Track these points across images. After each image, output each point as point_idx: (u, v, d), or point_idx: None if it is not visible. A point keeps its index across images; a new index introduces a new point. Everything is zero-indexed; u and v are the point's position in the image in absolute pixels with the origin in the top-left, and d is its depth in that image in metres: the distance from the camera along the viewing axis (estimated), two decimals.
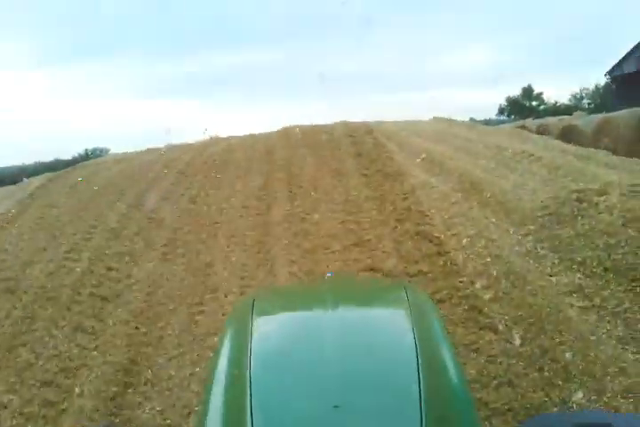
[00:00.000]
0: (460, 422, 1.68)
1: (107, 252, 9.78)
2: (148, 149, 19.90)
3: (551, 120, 22.28)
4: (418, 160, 12.64)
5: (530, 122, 24.11)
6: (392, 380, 1.81)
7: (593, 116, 20.49)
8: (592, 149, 13.16)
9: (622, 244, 7.14)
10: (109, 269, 9.12)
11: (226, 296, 7.63)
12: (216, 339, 6.17)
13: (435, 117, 22.56)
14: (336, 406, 1.57)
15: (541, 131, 20.07)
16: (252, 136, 18.08)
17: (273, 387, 1.79)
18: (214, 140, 19.00)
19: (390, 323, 2.31)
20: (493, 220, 8.88)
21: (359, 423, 1.59)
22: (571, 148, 13.56)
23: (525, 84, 64.95)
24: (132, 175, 14.81)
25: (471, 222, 8.84)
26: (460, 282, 7.07)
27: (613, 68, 38.63)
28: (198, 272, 8.62)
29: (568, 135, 18.64)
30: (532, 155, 12.39)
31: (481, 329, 6.11)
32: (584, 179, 9.91)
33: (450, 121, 20.63)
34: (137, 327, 7.31)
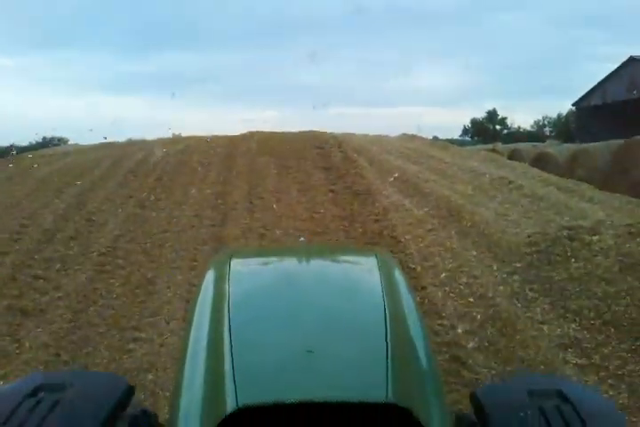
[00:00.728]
0: (421, 374, 1.79)
1: (36, 257, 8.53)
2: (102, 144, 18.65)
3: (523, 146, 21.72)
4: (390, 179, 11.74)
5: (500, 146, 23.60)
6: (361, 330, 1.91)
7: (567, 145, 20.07)
8: (573, 181, 12.48)
9: (623, 294, 6.33)
10: (35, 277, 7.87)
11: (167, 323, 6.50)
12: (150, 376, 5.37)
13: (403, 134, 21.80)
14: (309, 351, 1.64)
15: (513, 156, 19.49)
16: (214, 138, 16.97)
17: (251, 333, 1.85)
18: (175, 139, 17.95)
19: (361, 280, 2.42)
20: (474, 253, 8.01)
21: (330, 368, 1.65)
22: (551, 177, 12.88)
23: (490, 108, 65.46)
24: (77, 171, 13.55)
25: (450, 254, 7.95)
26: (440, 325, 6.15)
27: (580, 100, 38.92)
28: (138, 290, 7.45)
29: (541, 163, 18.08)
30: (512, 182, 11.66)
31: (466, 386, 5.17)
32: (571, 213, 9.18)
33: (420, 139, 19.90)
34: (58, 354, 6.10)
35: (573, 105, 40.92)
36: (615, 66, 34.84)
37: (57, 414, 1.64)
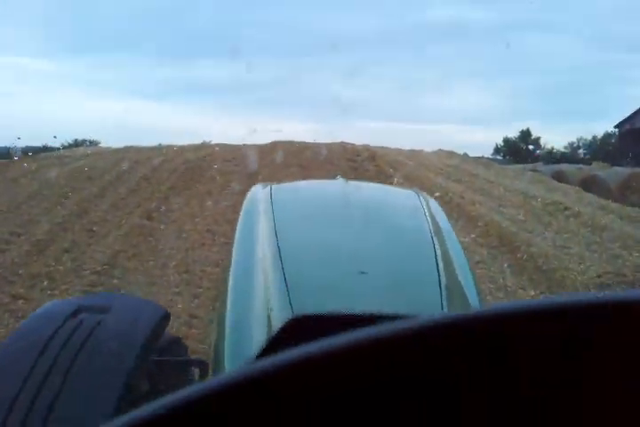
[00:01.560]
0: (466, 298, 1.76)
1: (20, 271, 7.38)
2: (125, 147, 17.71)
3: (567, 168, 20.20)
4: None
5: (541, 167, 22.12)
6: (411, 255, 1.96)
7: (617, 168, 18.59)
8: (637, 209, 11.03)
9: None
10: (15, 296, 6.71)
11: None
12: None
13: (440, 150, 20.50)
14: (363, 273, 1.66)
15: (557, 178, 18.08)
16: (241, 147, 15.89)
17: (302, 256, 1.88)
18: (201, 146, 17.04)
19: (408, 215, 2.36)
20: (532, 293, 6.68)
21: (384, 286, 1.68)
22: (610, 204, 11.46)
23: (520, 127, 63.89)
24: (88, 175, 12.50)
25: (503, 293, 6.63)
26: None
27: (623, 122, 37.31)
28: None
29: (589, 187, 16.62)
30: (567, 208, 10.30)
31: None
32: None
33: (459, 156, 18.58)
34: None
35: (616, 127, 39.26)
36: None
37: (98, 335, 1.66)
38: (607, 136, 65.95)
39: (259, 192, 2.52)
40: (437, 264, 1.76)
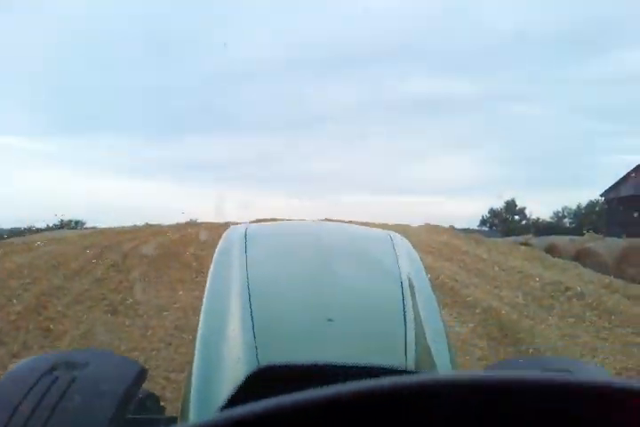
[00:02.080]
0: (437, 344, 1.76)
1: None
2: (94, 230, 16.98)
3: (559, 240, 19.54)
4: None
5: (533, 239, 21.47)
6: (379, 301, 1.93)
7: (610, 240, 17.93)
8: None
9: None
10: None
11: None
12: None
13: (427, 224, 19.91)
14: (330, 320, 1.64)
15: (550, 251, 17.41)
16: (221, 226, 15.25)
17: (271, 301, 1.85)
18: (183, 226, 16.56)
19: (378, 259, 2.35)
20: None
21: (350, 334, 1.66)
22: (615, 282, 10.69)
23: (504, 198, 64.29)
24: (52, 262, 11.64)
25: None
26: None
27: (609, 190, 37.22)
28: None
29: (583, 259, 15.92)
30: (569, 288, 9.54)
31: None
32: None
33: (447, 230, 17.93)
34: None
35: (602, 195, 39.16)
36: (633, 157, 33.26)
37: (74, 392, 1.65)
38: (592, 205, 66.24)
39: (234, 233, 2.49)
40: (404, 314, 1.75)
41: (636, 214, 27.51)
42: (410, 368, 1.49)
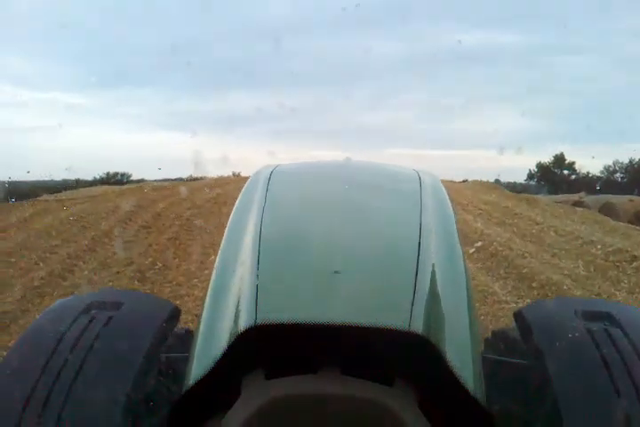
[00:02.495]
0: (453, 305, 1.65)
1: None
2: (132, 186, 16.61)
3: (616, 200, 18.29)
4: (471, 250, 8.84)
5: (585, 197, 20.30)
6: (394, 254, 1.78)
7: None
8: None
9: None
10: None
11: None
12: None
13: (475, 181, 18.93)
14: (336, 272, 1.57)
15: (605, 211, 16.34)
16: None
17: (280, 248, 1.79)
18: (226, 180, 16.20)
19: (400, 200, 2.21)
20: None
21: (354, 290, 1.56)
22: None
23: (552, 151, 62.51)
24: (82, 223, 11.20)
25: None
26: None
27: None
28: None
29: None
30: (635, 257, 8.64)
31: None
32: None
33: (495, 188, 16.93)
34: None
35: None
36: None
37: (109, 332, 1.70)
38: None
39: (259, 174, 2.44)
40: (417, 266, 1.62)
41: None
42: (414, 328, 1.39)
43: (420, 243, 1.75)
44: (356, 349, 1.46)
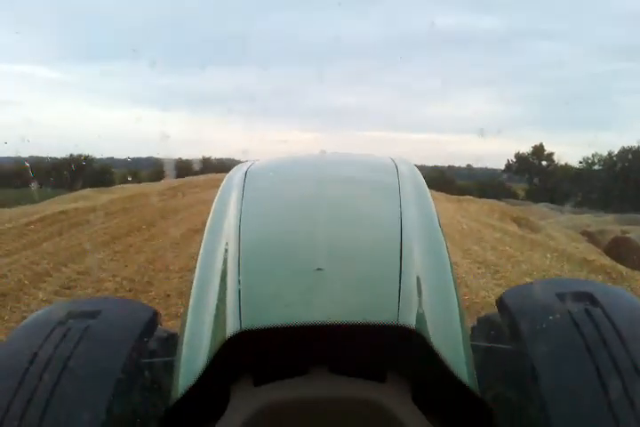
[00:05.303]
0: (439, 297, 1.64)
1: None
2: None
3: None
4: None
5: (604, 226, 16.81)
6: (376, 249, 1.76)
7: None
8: None
9: None
10: None
11: None
12: None
13: (469, 200, 17.94)
14: (319, 269, 1.54)
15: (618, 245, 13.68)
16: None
17: (261, 251, 1.76)
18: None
19: (378, 191, 2.22)
20: None
21: (339, 287, 1.54)
22: None
23: (528, 138, 63.01)
24: None
25: None
26: None
27: None
28: None
29: None
30: None
31: None
32: None
33: (473, 202, 15.83)
34: None
35: None
36: None
37: (87, 343, 1.66)
38: (624, 152, 63.19)
39: (235, 173, 2.42)
40: (401, 258, 1.58)
41: None
42: (403, 321, 1.34)
43: (401, 235, 1.72)
44: (346, 347, 1.40)
